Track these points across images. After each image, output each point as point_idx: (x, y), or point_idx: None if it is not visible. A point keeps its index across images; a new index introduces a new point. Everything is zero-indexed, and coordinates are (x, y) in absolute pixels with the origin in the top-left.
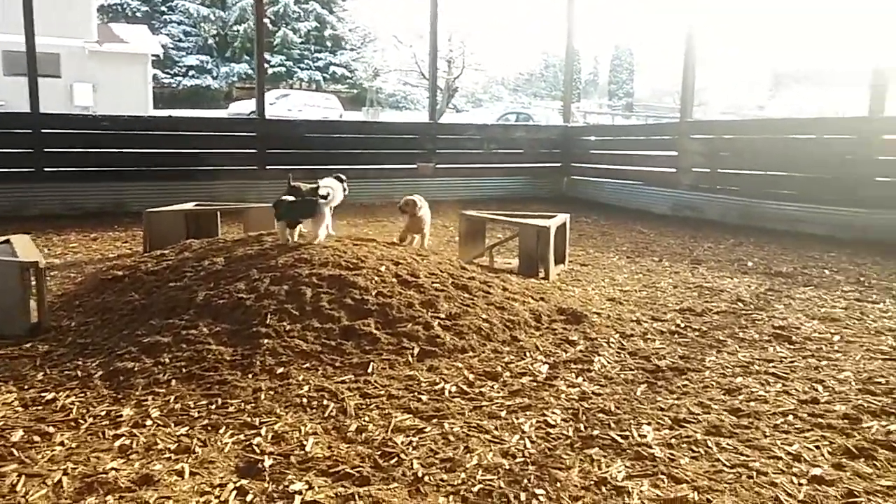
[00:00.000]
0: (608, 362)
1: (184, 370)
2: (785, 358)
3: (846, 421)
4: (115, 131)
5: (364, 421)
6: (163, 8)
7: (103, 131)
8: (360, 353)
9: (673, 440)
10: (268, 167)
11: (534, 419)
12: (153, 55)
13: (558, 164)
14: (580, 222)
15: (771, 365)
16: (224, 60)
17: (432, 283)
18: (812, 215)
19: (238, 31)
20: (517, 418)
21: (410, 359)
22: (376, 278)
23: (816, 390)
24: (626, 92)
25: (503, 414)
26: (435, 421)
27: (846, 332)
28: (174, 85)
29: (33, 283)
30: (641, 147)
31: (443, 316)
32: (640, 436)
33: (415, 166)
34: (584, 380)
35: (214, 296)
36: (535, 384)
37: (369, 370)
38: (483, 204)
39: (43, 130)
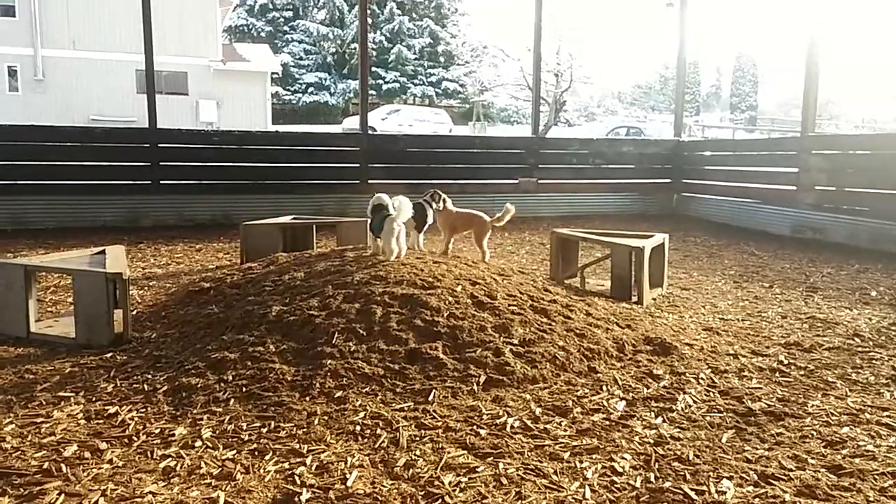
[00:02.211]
0: (694, 402)
1: (244, 389)
2: None
3: None
4: (226, 146)
5: (414, 455)
6: (285, 28)
7: (215, 146)
8: (424, 378)
9: (756, 500)
10: (370, 181)
11: (599, 464)
12: (273, 73)
13: (668, 180)
14: (687, 242)
15: (885, 414)
16: (342, 77)
17: (509, 305)
18: None
19: (356, 48)
20: (581, 462)
21: (476, 387)
22: (450, 298)
23: None
24: (748, 105)
25: (566, 456)
26: (490, 459)
27: None
28: (294, 102)
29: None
30: (759, 163)
31: (516, 342)
32: (718, 492)
33: (516, 181)
34: (663, 420)
35: (287, 312)
36: (607, 423)
37: (430, 398)
38: (586, 221)
39: (159, 145)
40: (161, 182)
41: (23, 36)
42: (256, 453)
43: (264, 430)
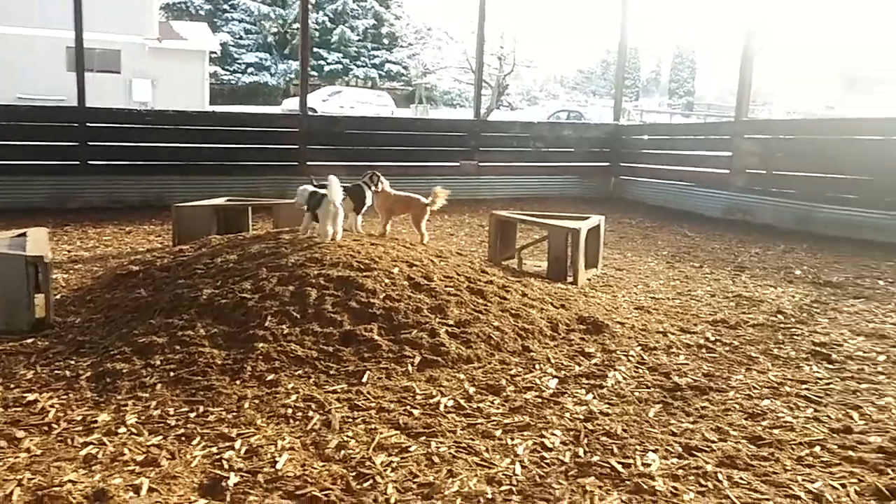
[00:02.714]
0: (623, 378)
1: (172, 374)
2: (821, 379)
3: (880, 455)
4: (159, 125)
5: (346, 436)
6: (225, 6)
7: (147, 125)
8: (358, 360)
9: (680, 471)
10: (308, 163)
11: (530, 441)
12: (211, 52)
13: (607, 164)
14: (623, 224)
15: (804, 387)
16: (283, 58)
17: (446, 286)
18: (872, 221)
19: (297, 28)
20: (512, 439)
21: (410, 368)
22: (386, 280)
23: (851, 418)
24: (686, 91)
25: (498, 433)
26: (423, 439)
27: (894, 351)
28: (233, 82)
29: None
30: (694, 147)
31: (451, 322)
32: (643, 465)
33: (458, 164)
34: (593, 397)
35: (218, 295)
36: (539, 400)
37: (364, 380)
38: (525, 203)
39: (88, 124)
40: (90, 162)
41: None
42: (183, 439)
43: (192, 415)
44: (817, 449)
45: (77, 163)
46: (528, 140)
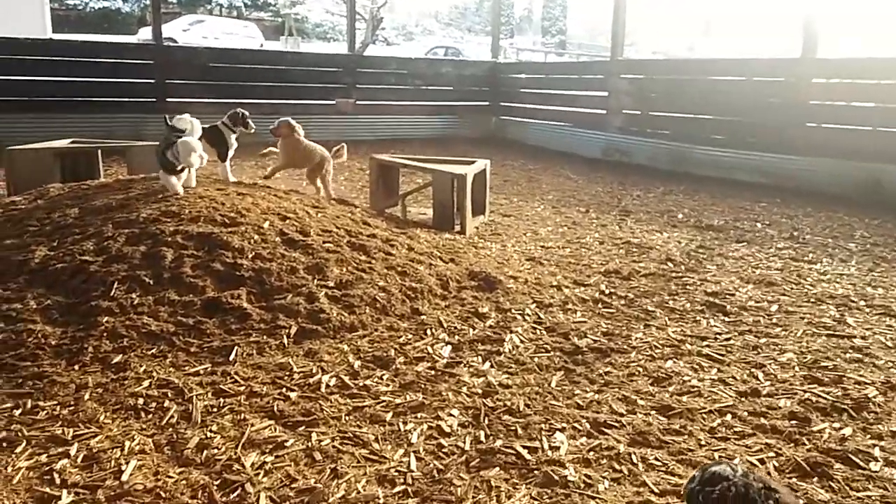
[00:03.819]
0: (521, 342)
1: None
2: (720, 334)
3: (793, 423)
4: None
5: (210, 431)
6: None
7: None
8: (225, 333)
9: (591, 454)
10: (168, 99)
11: (425, 424)
12: None
13: (486, 103)
14: (506, 166)
15: (705, 344)
16: None
17: (324, 242)
18: (742, 161)
19: None
20: (405, 423)
21: (286, 341)
22: (256, 237)
23: (757, 378)
24: (558, 29)
25: (389, 417)
26: (302, 429)
27: (784, 299)
28: (80, 7)
29: None
30: (571, 87)
31: (331, 284)
32: (551, 448)
33: (333, 102)
34: (491, 365)
35: (53, 258)
36: (432, 373)
37: (231, 357)
38: (406, 144)
39: None
40: None
41: None
42: (5, 445)
43: (17, 413)
44: (728, 417)
45: None
46: (406, 77)
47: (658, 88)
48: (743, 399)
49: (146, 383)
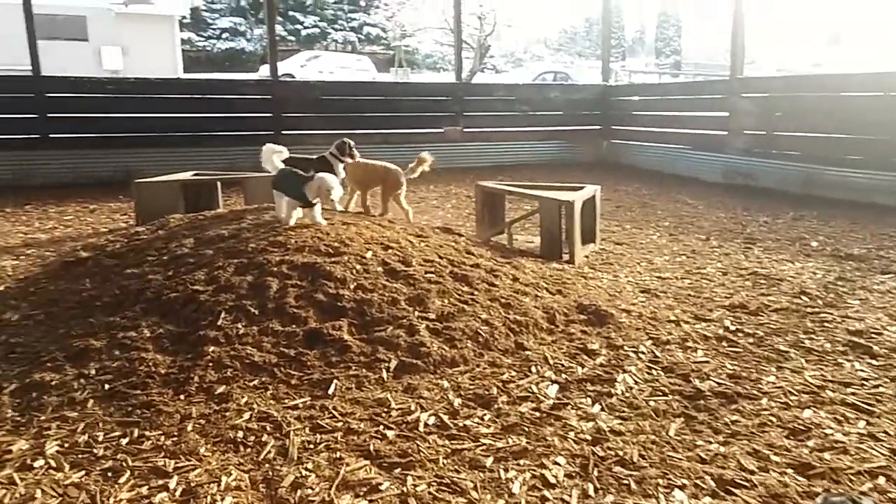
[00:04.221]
0: (635, 382)
1: (107, 386)
2: (867, 380)
3: None
4: (123, 94)
5: (306, 469)
6: None
7: (111, 94)
8: (325, 366)
9: None
10: (283, 132)
11: (527, 472)
12: (181, 17)
13: (597, 127)
14: (619, 191)
15: (849, 391)
16: (258, 22)
17: (426, 272)
18: (881, 183)
19: None
20: (506, 470)
21: (385, 374)
22: (358, 267)
23: None
24: (673, 50)
25: (489, 463)
26: (398, 472)
27: None
28: (209, 48)
29: None
30: (688, 108)
31: (433, 316)
32: None
33: (441, 130)
34: (601, 408)
35: (168, 287)
36: (536, 415)
37: (330, 391)
38: (514, 171)
39: (47, 94)
40: (52, 136)
41: None
42: (110, 474)
43: (124, 442)
44: (882, 481)
45: (37, 136)
46: (514, 103)
47: (783, 107)
48: None
49: (246, 416)
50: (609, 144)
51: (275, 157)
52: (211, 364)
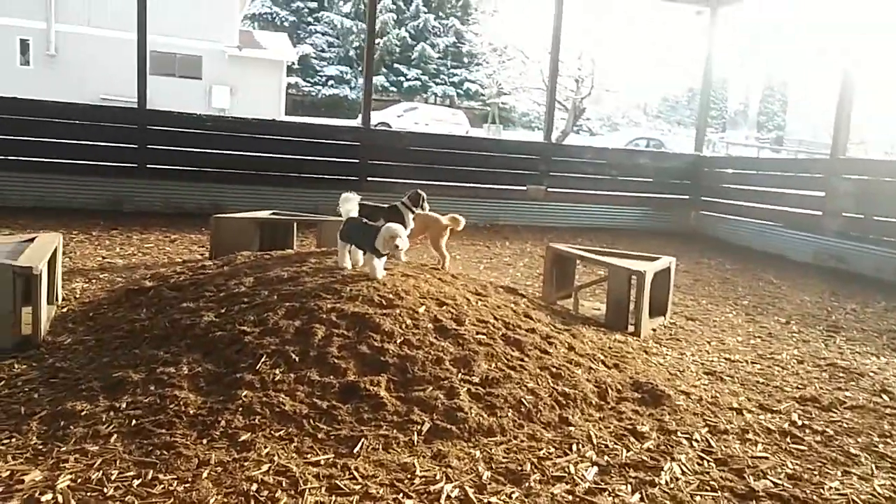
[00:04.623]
0: (682, 472)
1: (133, 422)
2: None
3: None
4: (219, 132)
5: None
6: (309, 18)
7: (208, 131)
8: (355, 422)
9: None
10: (369, 178)
11: None
12: (289, 62)
13: (687, 197)
14: (701, 264)
15: None
16: (363, 72)
17: (477, 333)
18: None
19: (379, 44)
20: None
21: (416, 437)
22: (408, 321)
23: None
24: (776, 125)
25: None
26: None
27: None
28: (314, 94)
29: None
30: (784, 184)
31: (476, 380)
32: None
33: (525, 189)
34: (641, 498)
35: (217, 325)
36: (570, 498)
37: (356, 450)
38: (596, 234)
39: (148, 126)
40: (148, 166)
41: (37, 9)
42: None
43: (136, 483)
44: None
45: (135, 165)
46: (602, 167)
47: (886, 191)
48: None
49: (265, 467)
50: (697, 215)
51: (347, 204)
52: (241, 409)
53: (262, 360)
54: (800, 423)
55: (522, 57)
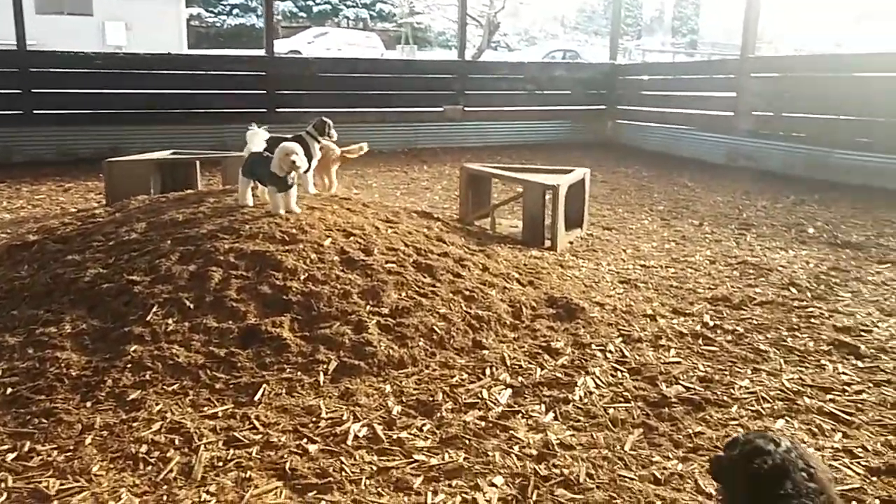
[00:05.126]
0: (597, 386)
1: (9, 390)
2: (849, 385)
3: None
4: (111, 70)
5: (207, 493)
6: None
7: (98, 70)
8: (257, 368)
9: None
10: (277, 110)
11: (459, 496)
12: None
13: (603, 107)
14: (617, 173)
15: (828, 398)
16: None
17: (387, 262)
18: (890, 166)
19: None
20: (435, 493)
21: (322, 378)
22: (312, 256)
23: (894, 448)
24: (690, 29)
25: (417, 483)
26: (312, 495)
27: None
28: (218, 24)
29: None
30: (696, 87)
31: (385, 311)
32: None
33: (441, 109)
34: (554, 417)
35: (104, 277)
36: (482, 426)
37: (257, 397)
38: (515, 151)
39: (31, 69)
40: (35, 112)
41: None
42: None
43: (11, 457)
44: None
45: (20, 112)
46: (518, 82)
47: (794, 88)
48: (875, 479)
49: (156, 426)
50: (614, 125)
51: (255, 139)
52: (129, 365)
53: (153, 310)
54: (711, 324)
55: None
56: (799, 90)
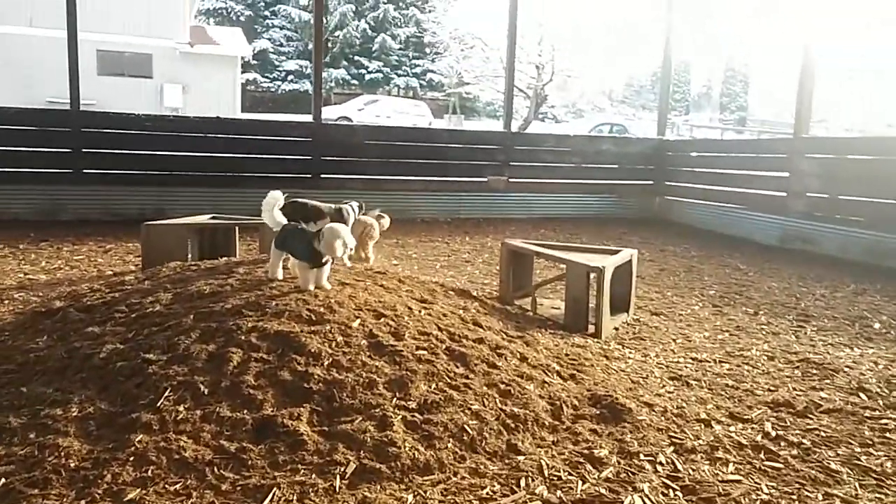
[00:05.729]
0: None
1: (4, 479)
2: None
3: None
4: (161, 132)
5: None
6: (266, 13)
7: (148, 132)
8: (268, 467)
9: None
10: (322, 176)
11: None
12: (244, 58)
13: (650, 182)
14: (665, 252)
15: None
16: (325, 66)
17: (417, 348)
18: None
19: (338, 36)
20: None
21: (338, 483)
22: (339, 339)
23: None
24: (739, 106)
25: None
26: None
27: None
28: (273, 89)
29: None
30: (748, 166)
31: (413, 405)
32: None
33: (485, 180)
34: None
35: (120, 354)
36: None
37: (266, 503)
38: (559, 224)
39: (83, 129)
40: (84, 171)
41: None
42: None
43: None
44: None
45: (70, 171)
46: (563, 154)
47: (850, 169)
48: None
49: None
50: (661, 200)
51: (272, 209)
52: (133, 458)
53: (166, 394)
54: (773, 434)
55: (482, 45)
56: (855, 172)
